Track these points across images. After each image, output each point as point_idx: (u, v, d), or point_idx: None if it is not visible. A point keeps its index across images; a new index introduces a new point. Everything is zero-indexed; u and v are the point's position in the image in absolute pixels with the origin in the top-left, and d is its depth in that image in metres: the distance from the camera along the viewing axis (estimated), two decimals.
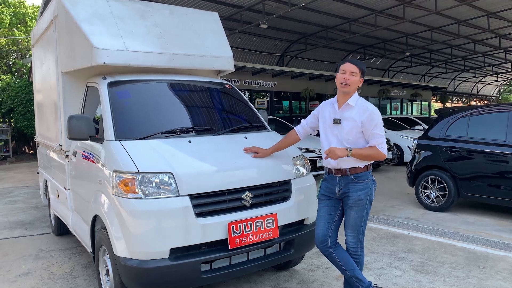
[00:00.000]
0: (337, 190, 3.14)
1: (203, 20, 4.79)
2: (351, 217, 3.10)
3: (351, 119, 3.04)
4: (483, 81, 37.62)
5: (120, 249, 2.89)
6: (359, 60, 3.19)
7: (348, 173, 3.07)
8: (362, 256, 3.20)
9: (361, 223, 3.12)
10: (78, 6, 3.97)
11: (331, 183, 3.19)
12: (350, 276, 3.12)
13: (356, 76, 3.04)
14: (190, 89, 4.14)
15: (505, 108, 5.98)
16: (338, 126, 3.09)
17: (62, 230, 5.33)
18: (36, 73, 6.15)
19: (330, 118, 3.15)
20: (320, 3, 14.47)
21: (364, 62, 21.30)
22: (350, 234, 3.13)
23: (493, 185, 5.83)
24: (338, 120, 3.09)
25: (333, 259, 3.17)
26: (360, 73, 3.07)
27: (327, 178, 3.23)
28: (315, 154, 9.31)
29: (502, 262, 4.24)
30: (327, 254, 3.21)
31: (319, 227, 3.21)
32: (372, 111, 3.02)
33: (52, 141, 4.94)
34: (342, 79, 3.04)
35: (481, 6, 15.36)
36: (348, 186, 3.09)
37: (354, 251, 3.16)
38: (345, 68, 3.05)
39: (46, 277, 4.10)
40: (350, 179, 3.08)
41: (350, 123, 3.04)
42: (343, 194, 3.12)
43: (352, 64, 3.05)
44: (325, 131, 3.21)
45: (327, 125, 3.19)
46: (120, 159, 3.07)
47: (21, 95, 15.45)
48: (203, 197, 2.99)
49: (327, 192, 3.21)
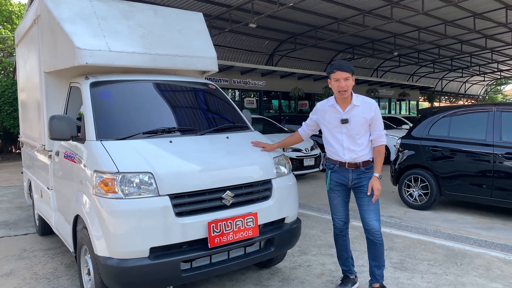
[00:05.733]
0: (350, 181, 3.41)
1: (187, 20, 4.81)
2: (370, 202, 3.35)
3: (359, 117, 3.31)
4: (470, 81, 38.13)
5: (100, 248, 2.91)
6: (345, 62, 3.37)
7: (361, 166, 3.36)
8: None
9: (379, 207, 3.43)
10: (60, 6, 3.97)
11: (343, 175, 3.43)
12: (350, 256, 3.62)
13: (349, 80, 3.29)
14: (173, 89, 4.17)
15: (485, 108, 6.10)
16: (346, 125, 3.34)
17: (46, 230, 5.32)
18: (20, 72, 6.11)
19: (336, 120, 3.38)
20: (309, 3, 14.56)
21: (353, 62, 21.47)
22: (374, 218, 3.36)
23: (473, 184, 5.96)
24: (346, 120, 3.33)
25: (346, 240, 3.58)
26: (351, 74, 3.29)
27: (338, 170, 3.45)
28: (302, 154, 9.39)
29: (479, 259, 4.34)
30: (344, 234, 3.57)
31: (340, 212, 3.52)
32: (376, 105, 3.37)
33: (36, 141, 4.93)
34: (339, 87, 3.27)
35: (468, 7, 15.58)
36: (360, 176, 3.38)
37: (379, 234, 3.37)
38: (338, 76, 3.26)
39: (28, 277, 4.10)
40: (362, 170, 3.37)
41: (360, 120, 3.31)
42: (356, 185, 3.40)
43: (343, 72, 3.26)
44: (330, 132, 3.44)
45: (333, 127, 3.42)
46: (100, 159, 3.09)
47: (7, 94, 15.27)
48: (183, 196, 3.02)
49: (339, 183, 3.46)
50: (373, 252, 3.42)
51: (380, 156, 3.39)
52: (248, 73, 18.64)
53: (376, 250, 3.40)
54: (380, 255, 3.40)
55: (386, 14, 15.58)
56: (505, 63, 28.78)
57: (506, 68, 31.00)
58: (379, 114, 3.37)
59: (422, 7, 14.27)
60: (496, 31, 19.43)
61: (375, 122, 3.34)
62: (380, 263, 3.42)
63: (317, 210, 6.66)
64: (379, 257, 3.40)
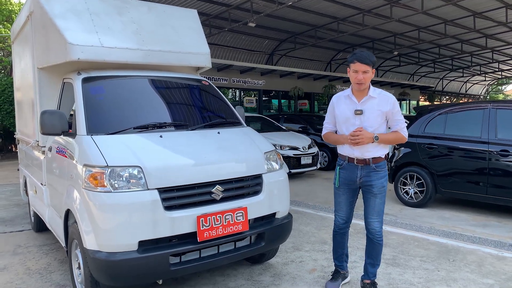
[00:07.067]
0: (358, 179, 3.30)
1: (181, 17, 4.82)
2: (376, 204, 3.29)
3: (374, 109, 3.21)
4: (471, 81, 38.07)
5: (89, 242, 2.92)
6: (367, 53, 3.19)
7: (371, 163, 3.24)
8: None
9: (384, 208, 3.36)
10: (53, 2, 3.98)
11: (351, 172, 3.33)
12: (345, 253, 3.62)
13: (368, 73, 3.16)
14: (164, 85, 4.18)
15: (480, 106, 6.10)
16: (360, 116, 3.23)
17: (41, 227, 5.33)
18: (15, 70, 6.14)
19: (350, 111, 3.27)
20: (308, 2, 14.58)
21: None
22: (376, 219, 3.32)
23: (469, 181, 5.95)
24: (360, 111, 3.22)
25: (344, 238, 3.57)
26: (371, 66, 3.16)
27: (346, 166, 3.36)
28: (299, 152, 9.40)
29: (472, 255, 4.34)
30: (343, 232, 3.54)
31: (342, 210, 3.46)
32: (394, 99, 3.26)
33: (30, 137, 4.95)
34: (357, 80, 3.15)
35: (467, 6, 15.57)
36: (370, 174, 3.26)
37: (379, 235, 3.34)
38: (357, 68, 3.14)
39: (21, 272, 4.11)
40: (372, 168, 3.25)
41: (374, 113, 3.20)
42: (364, 183, 3.29)
43: (362, 64, 3.12)
44: (345, 123, 3.32)
45: (347, 117, 3.29)
46: (90, 153, 3.10)
47: (7, 92, 15.31)
48: (172, 190, 3.03)
49: (347, 180, 3.37)
50: (370, 250, 3.41)
51: (394, 134, 3.25)
52: (248, 72, 18.65)
53: (373, 249, 3.38)
54: (376, 255, 3.39)
55: (386, 13, 15.58)
56: (506, 62, 28.74)
57: (507, 68, 30.95)
58: (397, 108, 3.24)
59: (421, 6, 14.27)
60: (496, 30, 19.40)
61: (394, 116, 3.22)
62: (375, 262, 3.41)
63: (312, 207, 6.66)
64: (375, 257, 3.39)
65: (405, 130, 3.28)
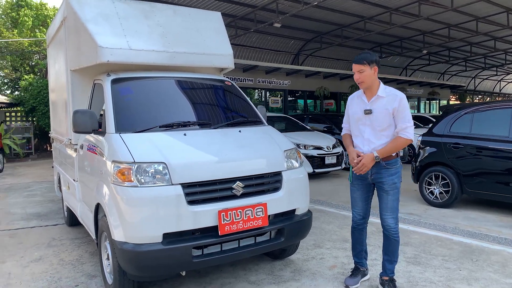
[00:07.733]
0: (369, 176, 3.38)
1: (205, 19, 4.98)
2: (388, 200, 3.34)
3: (383, 108, 3.27)
4: (505, 79, 36.72)
5: (117, 233, 3.09)
6: (364, 53, 3.29)
7: (381, 161, 3.29)
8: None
9: (398, 205, 3.39)
10: (85, 7, 4.21)
11: None
12: (364, 250, 3.66)
13: (364, 71, 3.25)
14: (189, 85, 4.34)
15: (508, 105, 5.96)
16: (370, 116, 3.31)
17: (73, 221, 5.61)
18: (50, 72, 6.47)
19: (360, 110, 3.37)
20: (334, 2, 14.52)
21: (381, 61, 21.13)
22: (390, 216, 3.36)
23: (496, 182, 5.82)
24: (369, 111, 3.31)
25: (362, 234, 3.60)
26: (367, 65, 3.23)
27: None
28: (323, 151, 9.41)
29: (496, 256, 4.27)
30: (361, 228, 3.59)
31: (358, 206, 3.54)
32: (401, 97, 3.27)
33: (63, 136, 5.22)
34: (355, 79, 3.34)
35: (500, 2, 15.07)
36: (381, 171, 3.32)
37: (395, 231, 3.38)
38: (353, 69, 3.31)
39: (55, 263, 4.36)
40: (382, 165, 3.31)
41: (383, 112, 3.27)
42: (376, 179, 3.37)
43: (356, 64, 3.27)
44: (356, 122, 3.43)
45: (358, 117, 3.40)
46: (118, 150, 3.27)
47: (43, 94, 16.01)
48: (195, 186, 3.17)
49: (360, 176, 3.44)
50: (386, 247, 3.45)
51: (393, 143, 3.24)
52: (273, 73, 18.74)
53: (390, 245, 3.42)
54: (393, 251, 3.42)
55: (414, 12, 15.29)
56: None
57: None
58: (404, 106, 3.23)
59: (451, 4, 13.95)
60: None
61: (399, 114, 3.21)
62: (392, 259, 3.44)
63: (335, 207, 6.69)
64: (392, 253, 3.42)
65: (408, 130, 3.23)
